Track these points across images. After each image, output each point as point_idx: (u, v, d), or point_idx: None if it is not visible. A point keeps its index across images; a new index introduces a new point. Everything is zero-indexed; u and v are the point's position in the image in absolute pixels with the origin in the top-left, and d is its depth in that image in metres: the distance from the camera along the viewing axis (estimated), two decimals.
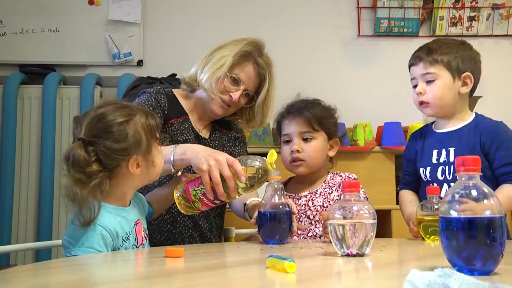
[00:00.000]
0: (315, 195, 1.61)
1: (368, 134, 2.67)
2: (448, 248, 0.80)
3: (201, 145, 1.55)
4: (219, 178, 1.32)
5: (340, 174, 1.67)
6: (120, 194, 1.27)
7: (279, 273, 0.83)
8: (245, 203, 1.58)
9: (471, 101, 2.82)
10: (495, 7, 3.16)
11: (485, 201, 0.78)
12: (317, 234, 1.57)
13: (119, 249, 1.22)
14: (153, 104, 1.68)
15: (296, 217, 1.59)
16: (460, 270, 0.76)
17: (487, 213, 0.77)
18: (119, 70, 3.07)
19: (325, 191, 1.61)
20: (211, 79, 1.66)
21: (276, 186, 1.37)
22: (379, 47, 3.18)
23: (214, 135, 1.80)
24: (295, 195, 1.64)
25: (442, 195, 1.42)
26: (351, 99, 2.94)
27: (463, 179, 0.81)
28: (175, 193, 1.39)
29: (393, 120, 2.72)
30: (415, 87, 1.57)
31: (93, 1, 3.09)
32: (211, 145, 1.74)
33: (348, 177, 1.64)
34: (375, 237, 1.07)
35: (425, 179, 1.58)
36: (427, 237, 1.37)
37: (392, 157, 2.65)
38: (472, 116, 1.57)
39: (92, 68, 3.08)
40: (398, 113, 2.79)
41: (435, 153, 1.56)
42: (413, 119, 2.70)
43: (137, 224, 1.30)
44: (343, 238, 1.05)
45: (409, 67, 1.60)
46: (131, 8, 3.10)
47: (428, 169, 1.57)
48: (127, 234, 1.25)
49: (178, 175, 1.50)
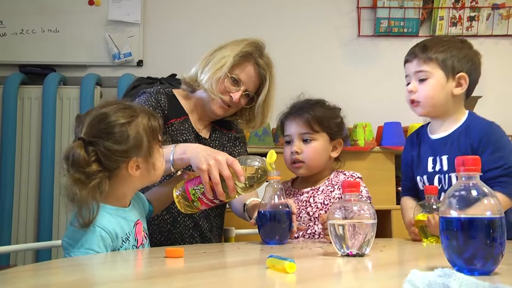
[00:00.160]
0: (317, 192, 1.61)
1: (368, 134, 2.67)
2: (448, 248, 0.80)
3: (201, 144, 1.55)
4: (219, 177, 1.32)
5: (344, 172, 1.66)
6: (120, 195, 1.27)
7: (279, 273, 0.83)
8: (245, 203, 1.58)
9: (471, 101, 2.84)
10: (495, 7, 3.16)
11: (485, 201, 0.78)
12: (316, 231, 1.56)
13: (119, 249, 1.22)
14: (153, 104, 1.68)
15: (295, 216, 1.60)
16: (460, 270, 0.76)
17: (487, 213, 0.77)
18: (119, 70, 3.07)
19: (327, 189, 1.61)
20: (212, 80, 1.66)
21: (275, 186, 1.37)
22: (379, 47, 3.18)
23: (214, 135, 1.80)
24: (298, 191, 1.64)
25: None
26: (351, 99, 2.93)
27: (463, 179, 0.81)
28: (174, 192, 1.39)
29: (393, 120, 2.72)
30: (408, 84, 1.53)
31: (93, 1, 3.09)
32: (211, 145, 1.74)
33: (351, 175, 1.64)
34: (375, 237, 1.07)
35: (422, 188, 1.52)
36: (425, 239, 1.36)
37: (392, 157, 2.65)
38: (464, 116, 1.50)
39: (92, 68, 3.08)
40: (398, 113, 2.78)
41: (430, 161, 1.52)
42: (413, 119, 2.70)
43: (137, 224, 1.30)
44: (343, 238, 1.05)
45: (404, 63, 1.55)
46: (131, 8, 3.10)
47: (425, 177, 1.52)
48: (126, 234, 1.25)
49: (178, 174, 1.50)
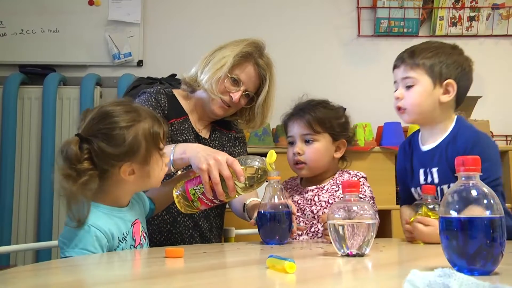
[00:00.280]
0: (321, 190, 1.61)
1: (368, 134, 2.67)
2: (448, 248, 0.80)
3: (201, 144, 1.55)
4: (218, 177, 1.32)
5: (348, 172, 1.66)
6: (114, 196, 1.26)
7: (279, 273, 0.83)
8: (245, 204, 1.58)
9: (471, 101, 2.85)
10: (495, 7, 3.16)
11: (485, 201, 0.78)
12: (319, 230, 1.56)
13: (115, 249, 1.22)
14: (153, 104, 1.68)
15: (296, 215, 1.60)
16: (460, 270, 0.76)
17: (487, 213, 0.77)
18: (119, 70, 3.07)
19: (332, 188, 1.61)
20: (212, 80, 1.66)
21: (275, 186, 1.37)
22: (379, 47, 3.18)
23: (214, 135, 1.80)
24: (304, 188, 1.64)
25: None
26: (351, 99, 2.92)
27: (463, 179, 0.81)
28: (174, 191, 1.39)
29: (393, 120, 2.71)
30: (396, 91, 1.50)
31: (93, 1, 3.09)
32: (211, 145, 1.74)
33: (356, 175, 1.63)
34: (375, 237, 1.07)
35: (419, 198, 1.49)
36: (419, 241, 1.33)
37: (392, 157, 2.64)
38: (452, 125, 1.45)
39: (92, 68, 3.08)
40: None
41: (421, 173, 1.49)
42: None
43: (134, 224, 1.30)
44: (343, 238, 1.05)
45: (393, 69, 1.52)
46: (131, 8, 3.10)
47: (418, 189, 1.50)
48: (123, 234, 1.25)
49: (182, 173, 1.50)
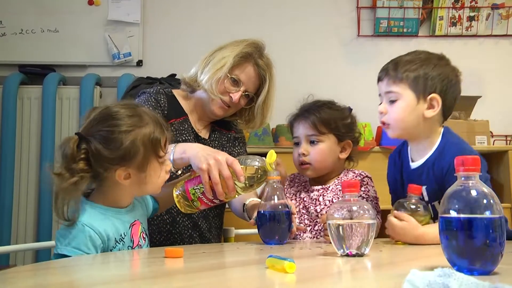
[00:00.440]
0: (326, 190, 1.61)
1: (368, 134, 2.67)
2: (447, 248, 0.80)
3: (201, 144, 1.55)
4: (218, 177, 1.32)
5: (353, 171, 1.66)
6: (112, 197, 1.25)
7: (279, 273, 0.83)
8: (244, 203, 1.58)
9: (470, 101, 2.85)
10: (494, 7, 3.16)
11: (485, 201, 0.78)
12: (322, 228, 1.56)
13: (111, 250, 1.21)
14: (153, 104, 1.68)
15: (296, 215, 1.60)
16: (459, 270, 0.76)
17: (487, 213, 0.77)
18: (119, 70, 3.07)
19: (336, 188, 1.61)
20: (212, 80, 1.66)
21: (275, 186, 1.37)
22: (378, 47, 3.18)
23: (213, 136, 1.80)
24: (310, 187, 1.64)
25: None
26: (351, 99, 2.92)
27: (462, 179, 0.81)
28: (174, 191, 1.39)
29: None
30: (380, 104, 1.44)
31: (92, 1, 3.09)
32: (211, 145, 1.74)
33: (360, 174, 1.63)
34: (377, 237, 1.07)
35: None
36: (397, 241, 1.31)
37: None
38: (438, 140, 1.41)
39: (91, 68, 3.08)
40: None
41: None
42: None
43: (133, 225, 1.29)
44: (342, 238, 1.05)
45: (377, 81, 1.46)
46: (130, 8, 3.09)
47: None
48: (121, 235, 1.24)
49: (178, 174, 1.50)
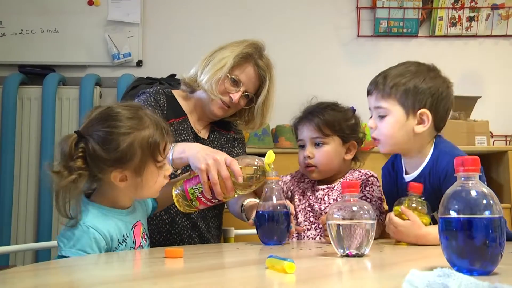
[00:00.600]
0: (332, 190, 1.60)
1: (368, 134, 2.66)
2: (447, 248, 0.80)
3: (200, 144, 1.55)
4: (217, 177, 1.32)
5: (359, 170, 1.65)
6: (111, 198, 1.24)
7: (279, 274, 0.82)
8: (242, 204, 1.58)
9: (470, 101, 2.85)
10: (494, 7, 3.16)
11: (484, 202, 0.78)
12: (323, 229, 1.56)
13: (114, 251, 1.21)
14: (152, 104, 1.68)
15: (306, 210, 1.61)
16: (459, 270, 0.76)
17: (486, 214, 0.77)
18: (119, 70, 3.07)
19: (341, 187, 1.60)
20: (212, 80, 1.66)
21: (274, 186, 1.36)
22: (378, 47, 3.18)
23: (212, 136, 1.80)
24: (315, 186, 1.64)
25: None
26: (351, 99, 2.93)
27: (462, 179, 0.81)
28: (173, 191, 1.39)
29: None
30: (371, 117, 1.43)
31: (92, 1, 3.09)
32: (210, 145, 1.74)
33: (365, 174, 1.62)
34: (378, 237, 1.07)
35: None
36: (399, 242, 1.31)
37: None
38: (431, 150, 1.38)
39: (91, 68, 3.08)
40: None
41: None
42: None
43: (135, 226, 1.29)
44: (342, 238, 1.05)
45: (367, 94, 1.45)
46: (130, 8, 3.10)
47: None
48: (123, 236, 1.24)
49: (177, 173, 1.50)
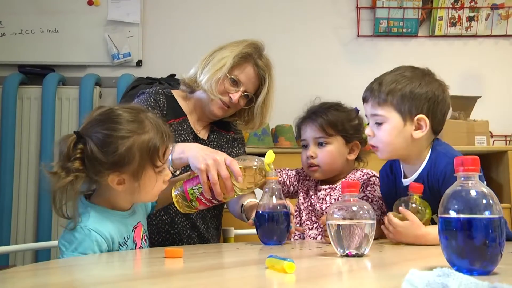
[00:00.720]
0: (333, 190, 1.61)
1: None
2: (447, 248, 0.80)
3: (200, 144, 1.55)
4: (217, 177, 1.32)
5: (361, 170, 1.65)
6: (109, 200, 1.23)
7: (278, 273, 0.83)
8: (242, 204, 1.58)
9: (470, 101, 2.85)
10: (494, 7, 3.16)
11: (484, 201, 0.78)
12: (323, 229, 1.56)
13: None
14: (152, 104, 1.68)
15: (308, 210, 1.61)
16: (459, 270, 0.76)
17: (486, 213, 0.77)
18: (118, 70, 3.07)
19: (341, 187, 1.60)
20: (211, 80, 1.66)
21: (273, 186, 1.36)
22: (378, 47, 3.18)
23: (212, 136, 1.80)
24: (318, 186, 1.64)
25: None
26: (351, 99, 2.93)
27: (462, 179, 0.81)
28: (173, 191, 1.39)
29: None
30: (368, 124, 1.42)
31: (92, 1, 3.09)
32: (209, 146, 1.73)
33: (367, 173, 1.62)
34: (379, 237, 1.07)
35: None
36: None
37: None
38: (428, 153, 1.38)
39: (91, 68, 3.09)
40: None
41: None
42: None
43: (136, 228, 1.29)
44: (342, 238, 1.05)
45: (362, 101, 1.44)
46: (130, 8, 3.10)
47: None
48: (124, 238, 1.23)
49: (176, 174, 1.50)
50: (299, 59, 3.12)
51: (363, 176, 1.61)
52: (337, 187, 1.61)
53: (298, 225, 1.60)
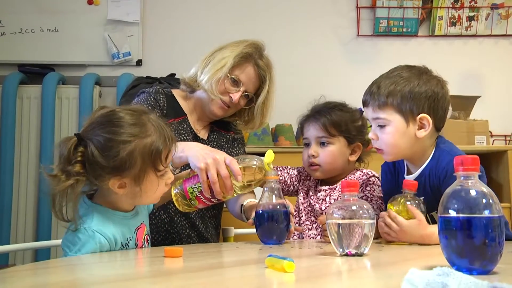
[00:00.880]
0: (333, 191, 1.61)
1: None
2: (447, 247, 0.80)
3: (200, 143, 1.55)
4: (216, 176, 1.32)
5: (361, 170, 1.65)
6: (111, 201, 1.22)
7: (278, 273, 0.83)
8: (242, 204, 1.58)
9: (470, 100, 2.85)
10: (494, 7, 3.16)
11: (484, 201, 0.78)
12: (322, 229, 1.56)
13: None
14: (152, 103, 1.68)
15: (307, 210, 1.61)
16: (459, 269, 0.76)
17: (486, 213, 0.77)
18: (118, 69, 3.07)
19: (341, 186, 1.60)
20: (212, 80, 1.66)
21: (273, 186, 1.36)
22: (378, 47, 3.18)
23: (212, 136, 1.80)
24: (317, 187, 1.64)
25: None
26: (350, 99, 2.93)
27: (462, 178, 0.81)
28: (172, 190, 1.38)
29: None
30: (371, 126, 1.42)
31: (92, 0, 3.08)
32: (209, 146, 1.74)
33: (366, 173, 1.62)
34: (374, 237, 1.07)
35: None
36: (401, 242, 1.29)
37: None
38: (432, 150, 1.39)
39: (91, 67, 3.08)
40: None
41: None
42: None
43: (139, 229, 1.28)
44: (341, 238, 1.05)
45: (363, 105, 1.44)
46: (130, 8, 3.09)
47: None
48: (127, 240, 1.23)
49: (176, 173, 1.50)
50: (299, 58, 3.12)
51: (363, 176, 1.61)
52: (337, 187, 1.61)
53: (297, 225, 1.61)
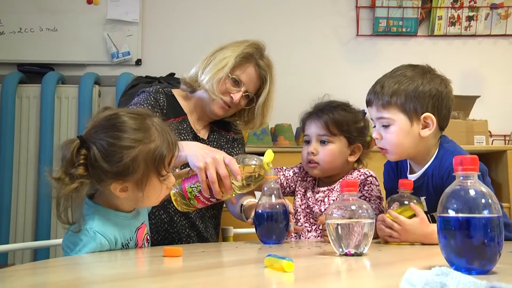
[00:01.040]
0: (331, 191, 1.61)
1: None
2: (446, 247, 0.80)
3: (199, 143, 1.55)
4: (215, 176, 1.32)
5: (359, 169, 1.65)
6: (112, 203, 1.22)
7: (277, 272, 0.83)
8: (242, 204, 1.58)
9: (469, 100, 2.85)
10: (493, 7, 3.16)
11: (483, 201, 0.78)
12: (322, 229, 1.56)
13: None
14: (152, 103, 1.68)
15: (305, 212, 1.61)
16: (457, 269, 0.76)
17: (485, 213, 0.78)
18: (118, 69, 3.07)
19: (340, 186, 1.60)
20: (213, 80, 1.66)
21: (272, 185, 1.36)
22: (377, 46, 3.18)
23: (212, 136, 1.80)
24: (316, 187, 1.64)
25: None
26: (350, 98, 2.93)
27: (461, 178, 0.81)
28: (171, 189, 1.39)
29: None
30: (375, 127, 1.42)
31: (91, 0, 3.08)
32: (209, 146, 1.74)
33: (364, 173, 1.62)
34: (373, 237, 1.07)
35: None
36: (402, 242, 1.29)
37: None
38: (436, 150, 1.39)
39: (90, 67, 3.08)
40: None
41: None
42: None
43: (139, 229, 1.28)
44: (341, 237, 1.05)
45: (366, 105, 1.44)
46: (129, 7, 3.09)
47: None
48: (127, 240, 1.23)
49: (175, 172, 1.50)
50: (299, 58, 3.12)
51: (360, 176, 1.61)
52: (335, 188, 1.61)
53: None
